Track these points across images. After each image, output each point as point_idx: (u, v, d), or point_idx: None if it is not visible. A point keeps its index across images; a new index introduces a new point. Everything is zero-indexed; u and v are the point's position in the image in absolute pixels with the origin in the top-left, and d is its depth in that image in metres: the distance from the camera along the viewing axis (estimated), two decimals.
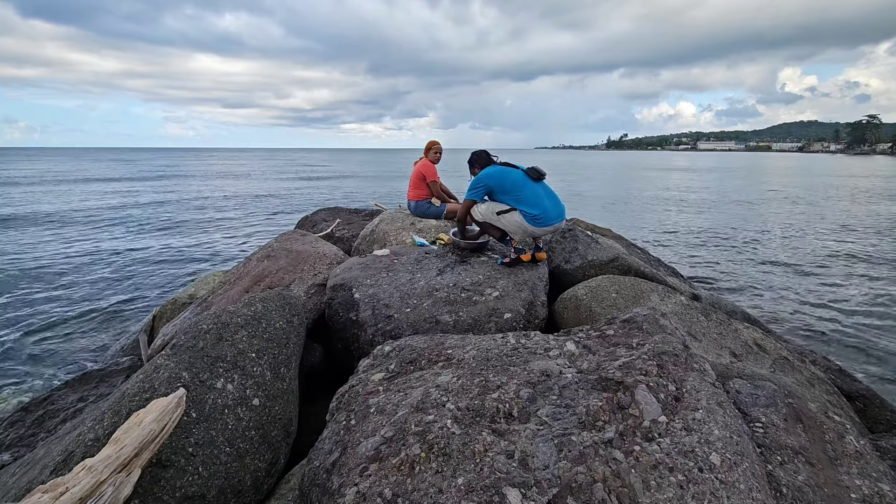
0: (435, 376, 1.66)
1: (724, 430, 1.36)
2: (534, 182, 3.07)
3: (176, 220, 13.44)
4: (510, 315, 2.56)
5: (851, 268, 8.07)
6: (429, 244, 3.78)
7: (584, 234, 3.79)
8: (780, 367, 2.54)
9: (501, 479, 1.17)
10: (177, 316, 3.53)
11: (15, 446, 2.46)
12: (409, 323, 2.50)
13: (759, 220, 13.73)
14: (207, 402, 1.64)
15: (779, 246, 9.99)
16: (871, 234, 11.10)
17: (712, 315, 2.87)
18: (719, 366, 2.26)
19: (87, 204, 16.83)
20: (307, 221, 6.49)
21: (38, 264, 8.15)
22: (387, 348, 1.99)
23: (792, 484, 1.41)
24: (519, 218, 3.03)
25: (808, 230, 11.82)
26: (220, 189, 24.04)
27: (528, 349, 1.84)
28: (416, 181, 4.64)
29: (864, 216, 14.16)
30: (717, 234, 11.35)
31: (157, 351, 2.80)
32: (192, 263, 8.51)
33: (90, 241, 10.18)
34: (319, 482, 1.34)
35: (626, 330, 1.89)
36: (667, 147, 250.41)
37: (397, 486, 1.20)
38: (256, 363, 1.86)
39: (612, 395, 1.44)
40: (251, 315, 2.05)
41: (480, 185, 3.15)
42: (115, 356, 3.92)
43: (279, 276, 3.25)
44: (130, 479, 1.25)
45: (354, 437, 1.43)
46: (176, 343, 1.84)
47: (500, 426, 1.38)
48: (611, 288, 2.89)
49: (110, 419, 1.52)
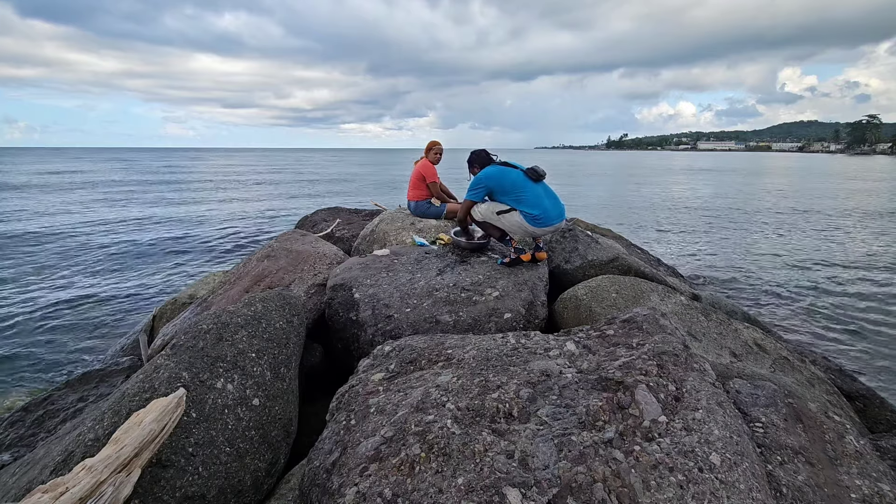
0: (435, 376, 1.66)
1: (724, 430, 1.36)
2: (534, 182, 3.07)
3: (176, 220, 13.43)
4: (510, 315, 2.56)
5: (851, 268, 8.07)
6: (429, 244, 3.78)
7: (584, 234, 3.79)
8: (780, 367, 2.54)
9: (501, 479, 1.17)
10: (177, 316, 3.53)
11: (15, 446, 2.46)
12: (409, 323, 2.49)
13: (760, 220, 13.73)
14: (207, 402, 1.64)
15: (779, 246, 9.99)
16: (872, 235, 11.10)
17: (712, 315, 2.87)
18: (719, 366, 2.26)
19: (87, 203, 16.84)
20: (307, 221, 6.50)
21: (38, 264, 8.15)
22: (387, 348, 1.99)
23: (792, 484, 1.41)
24: (519, 218, 3.02)
25: (808, 230, 11.82)
26: (220, 189, 24.04)
27: (528, 349, 1.84)
28: (416, 181, 4.64)
29: (864, 216, 14.17)
30: (717, 234, 11.35)
31: (157, 351, 2.80)
32: (192, 263, 8.51)
33: (90, 242, 10.17)
34: (319, 482, 1.34)
35: (626, 330, 1.89)
36: (667, 147, 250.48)
37: (397, 486, 1.20)
38: (256, 363, 1.86)
39: (612, 395, 1.44)
40: (251, 315, 2.05)
41: (480, 185, 3.15)
42: (115, 356, 3.92)
43: (279, 276, 3.25)
44: (130, 479, 1.25)
45: (354, 437, 1.43)
46: (176, 343, 1.84)
47: (500, 426, 1.38)
48: (611, 288, 2.89)
49: (110, 419, 1.52)
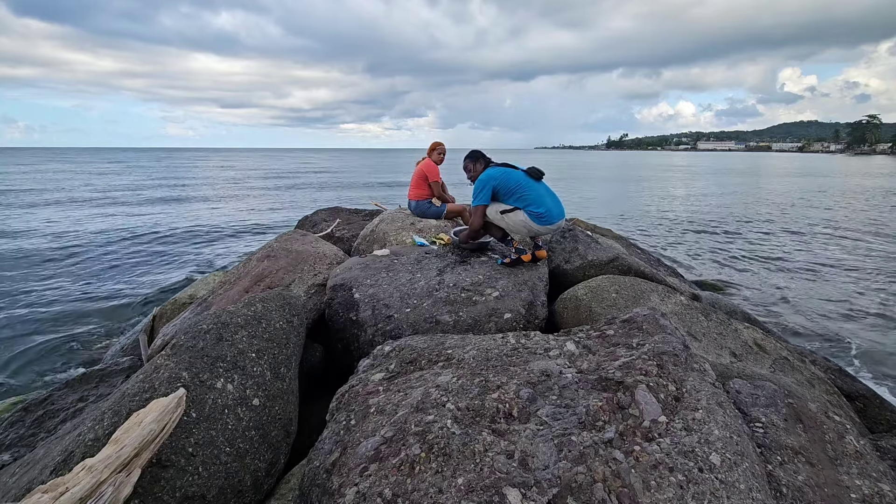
0: (435, 376, 1.66)
1: (724, 430, 1.36)
2: (535, 182, 3.09)
3: (176, 220, 13.43)
4: (510, 315, 2.56)
5: (851, 268, 8.07)
6: (429, 244, 3.78)
7: (584, 234, 3.79)
8: (780, 367, 2.54)
9: (501, 479, 1.17)
10: (177, 316, 3.52)
11: (15, 446, 2.46)
12: (409, 323, 2.49)
13: (759, 220, 13.73)
14: (207, 402, 1.64)
15: (779, 246, 9.98)
16: (872, 235, 11.10)
17: (712, 315, 2.87)
18: (719, 366, 2.26)
19: (87, 203, 16.83)
20: (307, 221, 6.50)
21: (38, 265, 8.15)
22: (387, 348, 1.99)
23: (792, 484, 1.41)
24: (523, 217, 3.03)
25: (808, 230, 11.82)
26: (220, 189, 24.03)
27: (528, 349, 1.84)
28: (418, 180, 4.64)
29: (864, 216, 14.16)
30: (717, 234, 11.35)
31: (157, 351, 2.80)
32: (192, 263, 8.52)
33: (90, 242, 10.17)
34: (319, 482, 1.34)
35: (626, 330, 1.89)
36: (667, 147, 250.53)
37: (397, 486, 1.20)
38: (256, 363, 1.86)
39: (612, 395, 1.44)
40: (251, 315, 2.05)
41: (486, 187, 3.13)
42: (115, 356, 3.92)
43: (279, 276, 3.25)
44: (130, 479, 1.25)
45: (354, 437, 1.43)
46: (176, 343, 1.83)
47: (500, 426, 1.38)
48: (611, 288, 2.89)
49: (110, 419, 1.52)
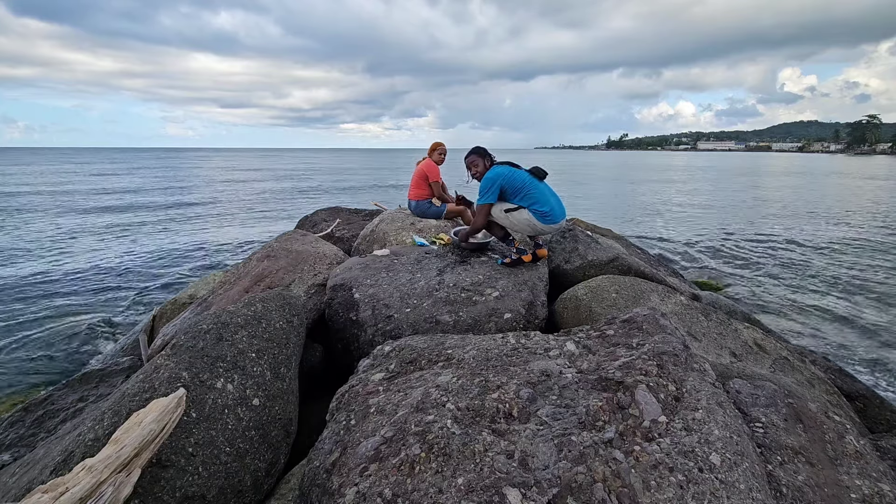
0: (435, 376, 1.66)
1: (724, 430, 1.36)
2: (539, 181, 3.10)
3: (176, 220, 13.44)
4: (510, 315, 2.56)
5: (851, 268, 8.07)
6: (429, 244, 3.78)
7: (584, 234, 3.79)
8: (780, 367, 2.54)
9: (501, 479, 1.17)
10: (177, 316, 3.52)
11: (15, 446, 2.46)
12: (409, 323, 2.49)
13: (759, 220, 13.73)
14: (207, 402, 1.64)
15: (779, 246, 9.98)
16: (872, 235, 11.10)
17: (712, 315, 2.87)
18: (719, 366, 2.26)
19: (87, 203, 16.83)
20: (307, 221, 6.50)
21: (38, 264, 8.15)
22: (387, 348, 1.99)
23: (792, 484, 1.41)
24: (528, 215, 3.03)
25: (808, 230, 11.82)
26: (220, 190, 24.03)
27: (528, 349, 1.84)
28: (419, 180, 4.64)
29: (864, 216, 14.16)
30: (717, 234, 11.34)
31: (157, 351, 2.80)
32: (192, 263, 8.52)
33: (90, 242, 10.17)
34: (319, 482, 1.34)
35: (626, 330, 1.89)
36: (667, 147, 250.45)
37: (397, 486, 1.20)
38: (256, 363, 1.86)
39: (612, 395, 1.44)
40: (251, 315, 2.05)
41: (494, 185, 3.10)
42: (115, 356, 3.92)
43: (279, 276, 3.24)
44: (130, 479, 1.25)
45: (354, 437, 1.43)
46: (176, 343, 1.83)
47: (500, 426, 1.38)
48: (611, 288, 2.89)
49: (110, 419, 1.52)
